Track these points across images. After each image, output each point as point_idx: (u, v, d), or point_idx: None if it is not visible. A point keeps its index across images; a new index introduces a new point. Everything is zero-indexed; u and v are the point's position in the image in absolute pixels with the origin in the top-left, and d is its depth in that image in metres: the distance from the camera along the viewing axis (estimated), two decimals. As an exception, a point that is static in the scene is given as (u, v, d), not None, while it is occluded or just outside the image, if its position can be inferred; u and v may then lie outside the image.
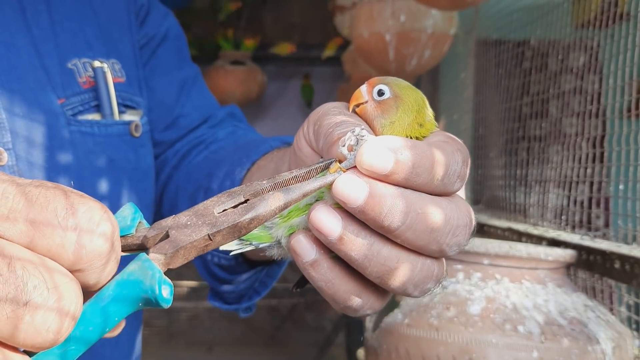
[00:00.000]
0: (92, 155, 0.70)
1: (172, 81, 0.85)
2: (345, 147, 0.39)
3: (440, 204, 0.39)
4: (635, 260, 0.92)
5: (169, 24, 0.87)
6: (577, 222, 1.24)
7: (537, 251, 0.90)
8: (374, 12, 1.92)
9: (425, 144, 0.39)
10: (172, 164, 0.84)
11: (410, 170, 0.37)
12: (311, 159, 0.47)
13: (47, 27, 0.70)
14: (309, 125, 0.47)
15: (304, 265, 0.42)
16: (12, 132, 0.63)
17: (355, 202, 0.37)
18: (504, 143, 1.67)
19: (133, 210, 0.37)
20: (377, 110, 0.45)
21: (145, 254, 0.35)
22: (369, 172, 0.37)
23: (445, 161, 0.39)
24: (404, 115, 0.44)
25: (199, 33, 3.70)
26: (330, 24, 3.05)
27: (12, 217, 0.32)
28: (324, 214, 0.39)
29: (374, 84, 0.45)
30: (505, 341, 0.82)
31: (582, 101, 1.29)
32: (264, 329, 3.72)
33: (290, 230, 0.44)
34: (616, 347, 0.86)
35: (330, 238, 0.39)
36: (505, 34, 1.72)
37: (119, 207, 0.38)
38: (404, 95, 0.45)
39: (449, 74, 2.52)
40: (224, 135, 0.85)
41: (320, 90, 3.91)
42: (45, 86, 0.67)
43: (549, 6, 1.47)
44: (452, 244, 0.40)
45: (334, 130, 0.42)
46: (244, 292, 0.81)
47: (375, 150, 0.37)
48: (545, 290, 0.90)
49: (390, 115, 0.44)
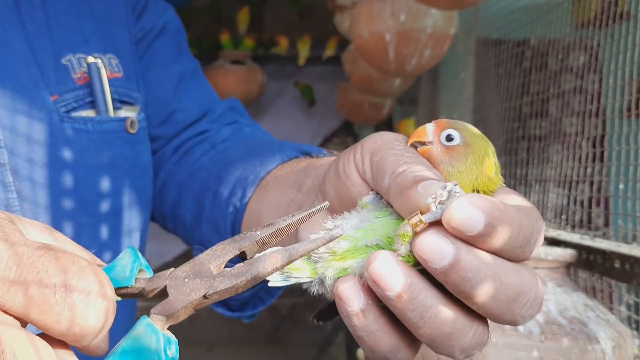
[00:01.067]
0: (87, 153, 0.69)
1: (169, 75, 0.83)
2: (435, 202, 0.36)
3: (522, 273, 0.37)
4: (635, 260, 0.92)
5: (167, 18, 0.85)
6: (577, 222, 1.24)
7: (537, 251, 0.90)
8: (374, 12, 1.92)
9: (514, 209, 0.36)
10: (173, 160, 0.82)
11: (498, 235, 0.35)
12: (359, 189, 0.44)
13: (42, 22, 0.69)
14: (363, 154, 0.43)
15: (348, 313, 0.39)
16: (4, 129, 0.63)
17: (440, 263, 0.35)
18: (504, 142, 1.67)
19: (132, 258, 0.37)
20: (445, 156, 0.42)
21: (147, 318, 0.36)
22: (456, 231, 0.35)
23: (529, 229, 0.37)
24: (474, 166, 0.41)
25: (199, 32, 3.69)
26: (331, 24, 3.05)
27: (8, 285, 0.32)
28: (387, 267, 0.37)
29: (443, 127, 0.42)
30: (505, 340, 0.82)
31: (582, 101, 1.29)
32: (264, 328, 3.72)
33: (341, 272, 0.40)
34: (616, 346, 0.86)
35: (388, 293, 0.37)
36: (505, 33, 1.72)
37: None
38: (474, 144, 0.42)
39: (448, 74, 2.52)
40: (229, 132, 0.82)
41: (320, 89, 3.91)
42: (39, 83, 0.67)
43: (548, 6, 1.47)
44: (526, 315, 0.38)
45: (407, 172, 0.39)
46: (248, 300, 0.79)
47: (467, 209, 0.35)
48: (545, 290, 0.90)
49: (458, 163, 0.41)
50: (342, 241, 0.40)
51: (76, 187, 0.68)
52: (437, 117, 2.65)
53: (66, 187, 0.68)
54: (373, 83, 2.61)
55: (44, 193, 0.66)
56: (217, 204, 0.73)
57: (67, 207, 0.68)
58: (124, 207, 0.73)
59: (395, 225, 0.39)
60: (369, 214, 0.42)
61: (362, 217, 0.42)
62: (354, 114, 3.37)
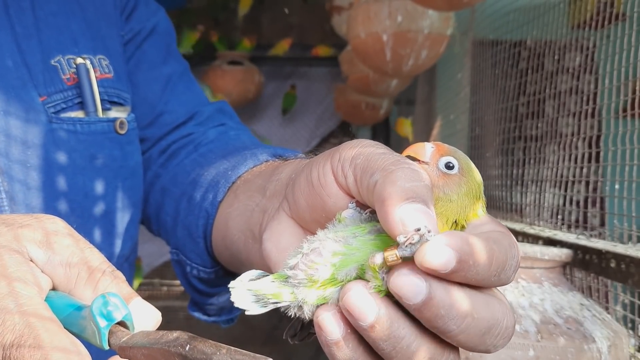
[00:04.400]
0: (76, 154, 0.69)
1: (157, 76, 0.82)
2: (406, 242, 0.36)
3: (494, 306, 0.38)
4: (631, 260, 0.93)
5: (157, 19, 0.84)
6: (573, 222, 1.24)
7: (534, 250, 0.91)
8: (371, 13, 1.92)
9: (485, 241, 0.37)
10: (159, 163, 0.81)
11: (470, 269, 0.36)
12: (334, 200, 0.43)
13: (31, 24, 0.69)
14: (342, 159, 0.42)
15: (328, 342, 0.39)
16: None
17: (414, 300, 0.36)
18: (500, 143, 1.67)
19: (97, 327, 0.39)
20: (440, 181, 0.41)
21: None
22: (429, 270, 0.35)
23: (502, 257, 0.37)
24: (465, 198, 0.41)
25: (195, 34, 3.69)
26: (328, 25, 3.06)
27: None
28: (360, 299, 0.37)
29: (443, 152, 0.42)
30: (502, 340, 0.83)
31: (578, 101, 1.29)
32: (261, 327, 3.72)
33: (321, 300, 0.40)
34: (612, 345, 0.86)
35: (361, 324, 0.37)
36: (501, 34, 1.72)
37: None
38: (470, 178, 0.42)
39: (445, 74, 2.52)
40: (215, 136, 0.81)
41: (317, 90, 3.91)
42: (27, 84, 0.67)
43: (545, 7, 1.48)
44: (498, 345, 0.39)
45: (399, 177, 0.38)
46: (224, 305, 0.79)
47: (439, 251, 0.35)
48: (542, 289, 0.90)
49: (452, 192, 0.41)
50: (321, 268, 0.40)
51: (65, 188, 0.69)
52: (434, 117, 2.65)
53: (55, 188, 0.68)
54: (370, 84, 2.61)
55: (34, 194, 0.66)
56: (191, 208, 0.73)
57: (56, 208, 0.68)
58: (114, 208, 0.73)
59: (374, 247, 0.39)
60: (347, 232, 0.41)
61: (339, 236, 0.41)
62: (351, 115, 3.37)
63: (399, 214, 0.36)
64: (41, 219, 0.45)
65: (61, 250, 0.43)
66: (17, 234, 0.42)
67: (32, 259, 0.42)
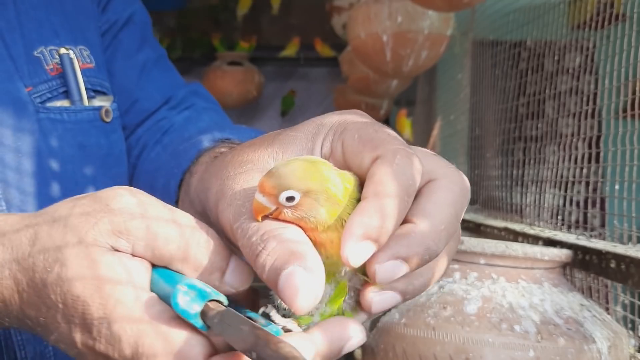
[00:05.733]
0: (63, 142, 0.71)
1: (133, 64, 0.83)
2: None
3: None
4: (631, 260, 0.93)
5: (133, 10, 0.85)
6: (573, 222, 1.24)
7: (534, 251, 0.91)
8: (371, 13, 1.92)
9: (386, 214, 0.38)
10: (134, 154, 0.82)
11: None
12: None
13: (13, 17, 0.70)
14: (225, 214, 0.44)
15: None
16: None
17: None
18: (500, 143, 1.67)
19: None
20: (297, 214, 0.39)
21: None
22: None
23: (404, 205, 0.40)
24: (328, 204, 0.39)
25: (197, 34, 3.69)
26: (328, 25, 3.06)
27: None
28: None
29: (269, 191, 0.39)
30: (502, 340, 0.83)
31: (578, 102, 1.29)
32: (261, 329, 3.72)
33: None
34: (612, 346, 0.86)
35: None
36: (501, 34, 1.72)
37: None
38: (311, 187, 0.39)
39: (445, 75, 2.52)
40: (181, 122, 0.80)
41: (317, 91, 3.91)
42: (13, 75, 0.68)
43: (545, 7, 1.48)
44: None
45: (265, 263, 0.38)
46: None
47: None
48: (542, 290, 0.90)
49: (316, 212, 0.39)
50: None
51: (57, 175, 0.70)
52: (434, 117, 2.65)
53: (46, 175, 0.69)
54: (370, 84, 2.61)
55: (27, 182, 0.67)
56: None
57: (49, 194, 0.69)
58: None
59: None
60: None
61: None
62: (351, 115, 3.36)
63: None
64: (105, 198, 0.47)
65: (138, 234, 0.45)
66: (95, 224, 0.44)
67: (117, 248, 0.43)
